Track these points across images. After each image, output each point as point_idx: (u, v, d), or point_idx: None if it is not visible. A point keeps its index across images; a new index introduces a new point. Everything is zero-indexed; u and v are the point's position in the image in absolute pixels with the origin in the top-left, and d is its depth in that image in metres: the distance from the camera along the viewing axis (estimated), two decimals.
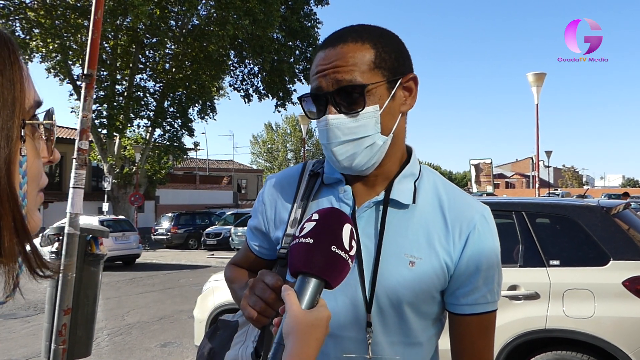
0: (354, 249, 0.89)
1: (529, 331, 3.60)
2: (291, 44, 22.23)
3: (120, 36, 19.27)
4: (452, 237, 1.08)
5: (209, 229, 21.86)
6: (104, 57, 18.76)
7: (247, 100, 23.14)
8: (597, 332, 3.42)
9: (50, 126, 0.68)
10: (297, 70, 22.53)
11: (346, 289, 1.05)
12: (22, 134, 0.62)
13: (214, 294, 5.03)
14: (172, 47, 20.23)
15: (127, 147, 21.58)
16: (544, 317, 3.56)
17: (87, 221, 13.80)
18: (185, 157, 24.42)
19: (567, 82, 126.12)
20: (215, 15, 19.14)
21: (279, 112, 25.52)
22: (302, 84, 23.88)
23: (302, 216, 1.14)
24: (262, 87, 23.02)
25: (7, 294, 0.63)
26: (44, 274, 0.65)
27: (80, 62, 18.15)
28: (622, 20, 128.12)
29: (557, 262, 3.66)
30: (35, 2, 17.71)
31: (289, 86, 22.60)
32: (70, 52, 18.33)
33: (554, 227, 3.94)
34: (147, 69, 20.92)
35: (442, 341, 1.18)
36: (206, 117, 21.76)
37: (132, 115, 19.58)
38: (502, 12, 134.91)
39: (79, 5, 17.72)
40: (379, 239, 1.07)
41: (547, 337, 3.62)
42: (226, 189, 39.68)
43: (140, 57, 20.21)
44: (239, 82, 23.29)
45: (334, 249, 0.85)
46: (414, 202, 1.10)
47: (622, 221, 3.78)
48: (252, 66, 22.91)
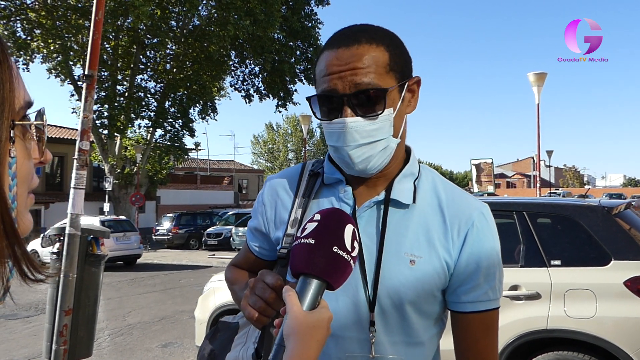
0: (356, 249, 0.88)
1: (530, 331, 3.59)
2: (292, 44, 22.25)
3: (121, 37, 19.29)
4: (450, 235, 1.08)
5: (210, 229, 21.90)
6: (105, 57, 18.78)
7: (247, 100, 23.20)
8: (599, 333, 3.41)
9: (41, 126, 0.67)
10: (297, 70, 22.58)
11: (348, 289, 1.04)
12: (11, 134, 0.60)
13: (215, 295, 5.03)
14: (173, 47, 20.23)
15: (128, 148, 21.59)
16: (545, 317, 3.56)
17: (88, 221, 13.82)
18: (186, 157, 24.46)
19: (567, 82, 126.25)
20: (216, 15, 19.15)
21: (280, 112, 25.60)
22: (303, 84, 23.96)
23: (302, 216, 1.13)
24: (262, 88, 23.06)
25: None
26: (35, 278, 0.62)
27: (81, 62, 18.20)
28: (622, 20, 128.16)
29: (558, 262, 3.65)
30: (36, 3, 17.74)
31: (289, 86, 22.65)
32: (71, 53, 18.37)
33: (555, 227, 3.94)
34: (148, 70, 20.94)
35: (444, 341, 1.17)
36: (207, 117, 21.80)
37: (133, 115, 19.59)
38: (502, 12, 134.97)
39: (80, 6, 17.73)
40: (380, 238, 1.07)
41: (549, 337, 3.61)
42: (227, 189, 39.68)
43: (141, 57, 20.23)
44: (239, 82, 23.37)
45: (336, 250, 0.84)
46: (414, 201, 1.10)
47: (624, 221, 3.77)
48: (252, 66, 22.96)
